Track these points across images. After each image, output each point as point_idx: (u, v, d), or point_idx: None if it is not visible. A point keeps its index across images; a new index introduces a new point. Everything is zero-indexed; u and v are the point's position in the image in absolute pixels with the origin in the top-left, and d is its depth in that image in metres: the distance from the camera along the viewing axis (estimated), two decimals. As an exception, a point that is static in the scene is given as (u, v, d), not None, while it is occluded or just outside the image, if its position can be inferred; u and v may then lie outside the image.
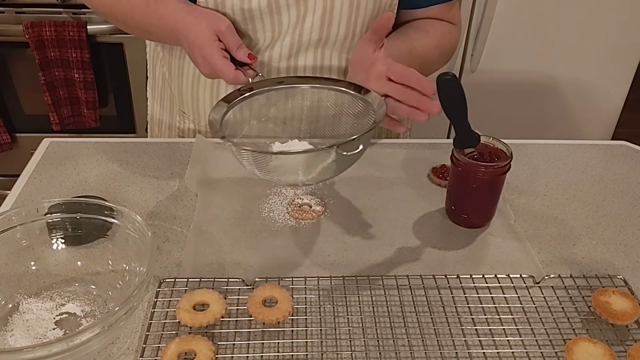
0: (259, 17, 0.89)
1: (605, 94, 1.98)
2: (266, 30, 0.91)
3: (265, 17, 0.89)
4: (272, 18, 0.89)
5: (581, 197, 0.91)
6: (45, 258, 0.72)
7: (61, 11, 1.73)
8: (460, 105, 0.76)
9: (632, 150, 1.03)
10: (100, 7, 0.95)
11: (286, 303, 0.67)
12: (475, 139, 0.79)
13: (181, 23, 0.85)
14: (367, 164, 0.95)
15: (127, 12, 0.92)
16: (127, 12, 0.92)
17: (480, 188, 0.80)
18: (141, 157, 0.96)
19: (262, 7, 0.88)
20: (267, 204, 0.86)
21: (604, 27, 1.84)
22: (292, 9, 0.89)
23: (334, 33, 0.92)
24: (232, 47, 0.84)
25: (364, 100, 0.80)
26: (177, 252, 0.77)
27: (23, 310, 0.68)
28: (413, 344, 0.65)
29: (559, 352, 0.64)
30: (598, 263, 0.78)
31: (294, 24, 0.91)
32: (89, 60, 1.75)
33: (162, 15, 0.88)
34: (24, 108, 1.91)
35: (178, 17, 0.86)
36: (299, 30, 0.91)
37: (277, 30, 0.91)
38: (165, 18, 0.87)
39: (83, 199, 0.74)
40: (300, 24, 0.91)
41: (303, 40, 0.92)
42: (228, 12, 0.88)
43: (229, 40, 0.84)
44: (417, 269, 0.76)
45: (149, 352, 0.63)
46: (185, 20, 0.85)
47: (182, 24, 0.85)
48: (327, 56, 0.95)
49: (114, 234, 0.71)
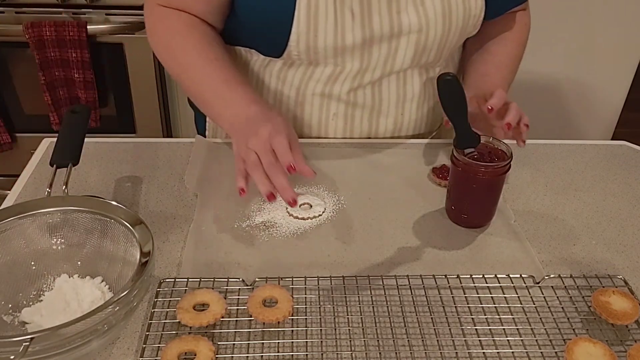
0: (350, 51, 0.90)
1: (605, 94, 1.98)
2: (354, 61, 0.92)
3: (356, 51, 0.90)
4: (363, 51, 0.91)
5: (581, 197, 0.91)
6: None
7: (61, 11, 1.73)
8: (461, 105, 0.76)
9: (632, 150, 1.03)
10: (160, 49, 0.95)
11: (286, 303, 0.67)
12: (476, 139, 0.79)
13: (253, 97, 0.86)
14: (367, 164, 0.95)
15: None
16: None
17: (480, 188, 0.80)
18: (141, 157, 0.96)
19: (355, 44, 0.89)
20: (267, 204, 0.86)
21: (604, 27, 1.84)
22: (383, 45, 0.90)
23: (423, 60, 0.95)
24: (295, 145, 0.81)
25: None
26: (177, 252, 0.77)
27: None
28: (413, 344, 0.65)
29: (559, 352, 0.64)
30: (598, 263, 0.78)
31: (384, 57, 0.92)
32: (89, 60, 1.75)
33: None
34: (24, 108, 1.91)
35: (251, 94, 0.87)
36: (390, 62, 0.93)
37: (367, 62, 0.92)
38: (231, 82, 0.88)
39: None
40: (392, 57, 0.92)
41: (394, 70, 0.94)
42: (320, 49, 0.89)
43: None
44: (417, 269, 0.76)
45: (149, 352, 0.63)
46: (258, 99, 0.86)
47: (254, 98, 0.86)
48: (409, 77, 0.98)
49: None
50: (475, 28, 0.96)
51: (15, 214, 0.71)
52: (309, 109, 0.99)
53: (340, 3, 0.86)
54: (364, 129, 1.01)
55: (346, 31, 0.87)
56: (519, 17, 1.04)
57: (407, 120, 1.02)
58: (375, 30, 0.88)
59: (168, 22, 0.92)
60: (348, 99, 0.97)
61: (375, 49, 0.91)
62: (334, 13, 0.86)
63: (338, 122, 1.00)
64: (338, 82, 0.95)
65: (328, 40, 0.87)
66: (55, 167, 0.78)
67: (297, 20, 0.85)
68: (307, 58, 0.91)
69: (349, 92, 0.96)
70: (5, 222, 0.70)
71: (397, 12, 0.88)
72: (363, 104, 0.98)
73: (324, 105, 0.98)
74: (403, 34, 0.90)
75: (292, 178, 0.89)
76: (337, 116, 0.99)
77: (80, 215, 0.73)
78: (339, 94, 0.96)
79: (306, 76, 0.95)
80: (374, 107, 0.99)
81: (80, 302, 0.67)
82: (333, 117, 0.99)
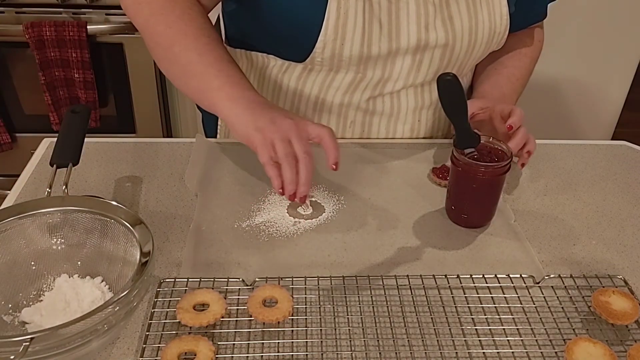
0: (375, 60, 0.90)
1: (605, 94, 1.98)
2: (377, 70, 0.92)
3: (379, 61, 0.90)
4: (387, 61, 0.91)
5: (581, 197, 0.91)
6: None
7: (61, 11, 1.73)
8: (461, 105, 0.76)
9: (632, 150, 1.03)
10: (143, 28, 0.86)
11: (286, 303, 0.67)
12: (476, 139, 0.79)
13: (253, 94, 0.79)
14: (368, 163, 0.95)
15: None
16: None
17: (480, 188, 0.80)
18: (141, 157, 0.96)
19: (381, 55, 0.89)
20: (267, 204, 0.86)
21: (604, 27, 1.84)
22: (408, 57, 0.91)
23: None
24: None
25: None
26: (177, 252, 0.77)
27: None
28: (413, 344, 0.65)
29: (559, 352, 0.64)
30: (598, 263, 0.78)
31: (408, 69, 0.92)
32: (89, 60, 1.75)
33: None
34: (24, 108, 1.91)
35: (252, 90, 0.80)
36: (413, 74, 0.93)
37: (389, 72, 0.92)
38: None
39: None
40: (416, 69, 0.92)
41: (417, 82, 0.95)
42: (345, 57, 0.89)
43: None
44: (417, 269, 0.76)
45: (149, 352, 0.63)
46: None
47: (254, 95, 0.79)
48: (427, 88, 0.98)
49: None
50: (499, 45, 0.97)
51: (15, 214, 0.71)
52: (327, 116, 0.99)
53: (369, 13, 0.86)
54: (381, 136, 1.01)
55: (373, 41, 0.87)
56: (535, 34, 1.05)
57: (424, 127, 1.02)
58: (402, 43, 0.88)
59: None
60: (367, 107, 0.97)
61: (399, 59, 0.91)
62: (362, 23, 0.86)
63: (355, 129, 1.00)
64: (358, 90, 0.95)
65: (354, 49, 0.87)
66: (55, 167, 0.78)
67: (325, 27, 0.85)
68: (330, 65, 0.91)
69: (368, 100, 0.96)
70: (5, 222, 0.70)
71: (425, 26, 0.88)
72: (382, 111, 0.98)
73: (342, 113, 0.98)
74: (429, 48, 0.90)
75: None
76: (354, 124, 0.99)
77: (80, 215, 0.73)
78: (359, 102, 0.96)
79: (326, 83, 0.95)
80: (392, 114, 0.99)
81: (80, 302, 0.67)
82: (350, 124, 0.99)
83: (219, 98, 0.78)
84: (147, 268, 0.64)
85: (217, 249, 0.78)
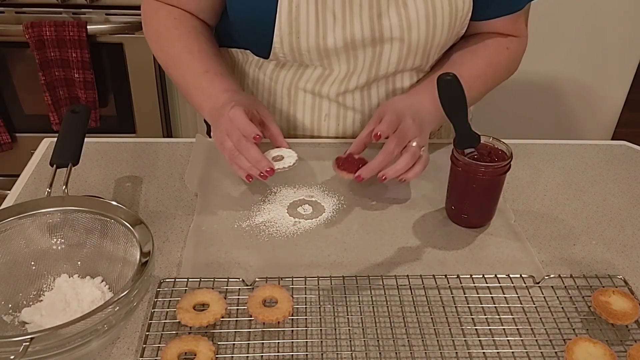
0: (335, 54, 0.91)
1: (605, 94, 1.98)
2: (341, 64, 0.93)
3: (340, 54, 0.91)
4: (348, 54, 0.92)
5: (581, 197, 0.91)
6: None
7: (61, 11, 1.73)
8: (461, 105, 0.76)
9: (632, 150, 1.03)
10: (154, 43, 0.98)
11: (286, 303, 0.67)
12: (476, 139, 0.79)
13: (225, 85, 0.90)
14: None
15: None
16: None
17: (480, 188, 0.80)
18: (141, 157, 0.96)
19: (337, 47, 0.90)
20: (267, 204, 0.86)
21: (604, 27, 1.84)
22: (367, 49, 0.91)
23: (409, 64, 0.95)
24: (268, 118, 0.89)
25: None
26: (177, 252, 0.77)
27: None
28: (413, 344, 0.65)
29: (559, 352, 0.64)
30: (598, 263, 0.78)
31: (369, 61, 0.93)
32: (89, 60, 1.75)
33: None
34: (24, 108, 1.91)
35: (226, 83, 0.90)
36: (375, 66, 0.94)
37: (353, 65, 0.93)
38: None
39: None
40: (377, 61, 0.93)
41: (380, 74, 0.95)
42: (303, 51, 0.90)
43: (264, 114, 0.89)
44: (417, 269, 0.76)
45: (149, 352, 0.63)
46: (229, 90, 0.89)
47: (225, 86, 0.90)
48: (398, 80, 0.98)
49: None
50: (463, 27, 0.95)
51: (15, 214, 0.71)
52: (301, 107, 1.00)
53: (322, 6, 0.87)
54: (357, 130, 1.01)
55: (328, 33, 0.88)
56: (501, 41, 0.98)
57: None
58: (357, 33, 0.89)
59: (160, 15, 0.96)
60: (338, 100, 0.98)
61: (360, 52, 0.92)
62: (315, 15, 0.87)
63: (330, 123, 1.01)
64: (326, 84, 0.97)
65: (310, 41, 0.89)
66: (55, 167, 0.78)
67: (278, 22, 0.88)
68: (293, 59, 0.93)
69: (338, 96, 0.98)
70: (5, 222, 0.70)
71: (378, 15, 0.88)
72: (353, 107, 0.99)
73: (316, 105, 1.00)
74: (385, 38, 0.90)
75: (292, 178, 0.90)
76: (329, 117, 1.00)
77: (80, 215, 0.73)
78: (328, 95, 0.98)
79: (296, 77, 0.97)
80: (364, 111, 1.00)
81: (80, 302, 0.67)
82: (325, 117, 1.01)
83: (204, 115, 0.92)
84: (147, 268, 0.64)
85: (217, 249, 0.78)
